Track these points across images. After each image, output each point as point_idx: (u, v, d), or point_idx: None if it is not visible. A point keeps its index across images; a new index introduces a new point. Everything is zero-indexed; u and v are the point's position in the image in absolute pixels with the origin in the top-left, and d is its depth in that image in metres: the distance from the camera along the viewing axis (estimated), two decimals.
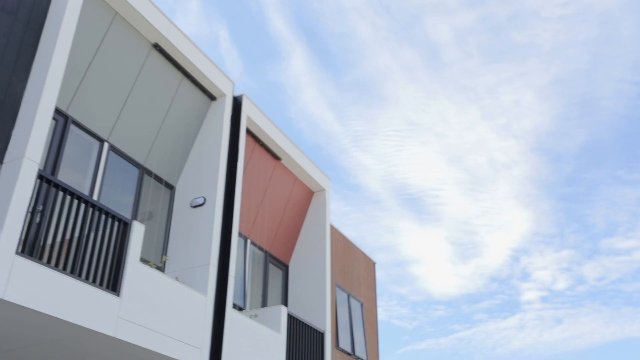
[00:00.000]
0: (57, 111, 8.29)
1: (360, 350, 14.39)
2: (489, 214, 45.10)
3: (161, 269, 9.20)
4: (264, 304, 12.13)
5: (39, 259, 6.52)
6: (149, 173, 9.89)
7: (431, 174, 44.09)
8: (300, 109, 43.70)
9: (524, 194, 44.89)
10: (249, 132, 11.44)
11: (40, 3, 7.45)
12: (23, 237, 6.35)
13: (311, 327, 11.67)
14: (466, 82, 40.80)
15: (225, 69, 10.26)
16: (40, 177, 6.69)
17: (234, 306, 10.09)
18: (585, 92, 39.48)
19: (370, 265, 16.62)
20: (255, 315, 10.39)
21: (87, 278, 6.94)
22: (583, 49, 37.16)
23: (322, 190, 13.72)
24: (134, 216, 9.45)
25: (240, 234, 11.45)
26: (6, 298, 5.85)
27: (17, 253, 6.10)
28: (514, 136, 42.34)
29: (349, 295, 14.62)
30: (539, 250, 46.42)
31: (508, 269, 47.11)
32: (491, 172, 43.79)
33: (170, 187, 10.30)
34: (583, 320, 42.93)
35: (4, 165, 6.53)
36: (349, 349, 13.79)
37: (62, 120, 8.40)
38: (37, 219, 6.64)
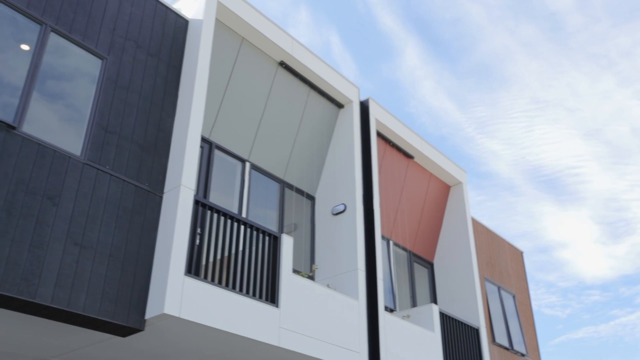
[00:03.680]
0: (202, 139, 8.88)
1: (518, 344, 13.84)
2: (639, 187, 41.37)
3: (312, 277, 9.49)
4: (414, 304, 12.07)
5: (203, 277, 7.01)
6: (290, 186, 10.27)
7: (567, 152, 41.33)
8: (420, 103, 43.04)
9: None
10: (378, 134, 11.49)
11: (177, 42, 8.04)
12: (188, 259, 6.87)
13: (465, 324, 11.43)
14: (596, 49, 37.88)
15: (342, 74, 10.43)
16: (196, 202, 7.20)
17: (385, 308, 10.15)
18: None
19: (517, 255, 15.95)
20: (408, 316, 10.37)
21: (247, 292, 7.35)
22: None
23: (459, 183, 13.41)
24: (280, 229, 9.85)
25: (382, 236, 11.50)
26: (182, 316, 6.35)
27: (185, 274, 6.61)
28: None
29: (499, 288, 14.12)
30: None
31: None
32: (636, 141, 40.17)
33: (311, 198, 10.61)
34: None
35: (164, 195, 7.11)
36: (506, 344, 13.31)
37: (207, 147, 8.98)
38: (197, 241, 7.15)
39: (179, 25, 8.15)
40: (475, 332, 11.65)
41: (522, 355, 13.86)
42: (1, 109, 6.03)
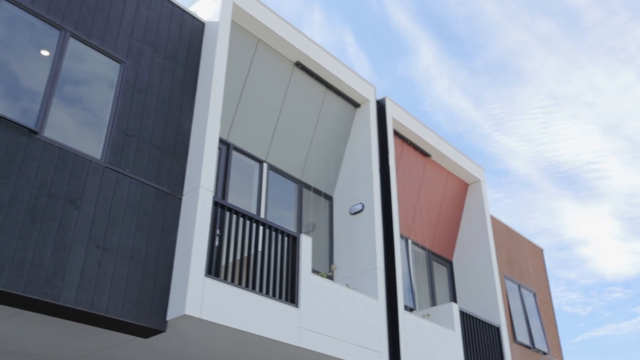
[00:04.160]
0: (220, 140, 8.92)
1: (539, 343, 13.71)
2: None
3: (331, 277, 9.48)
4: (433, 302, 12.01)
5: (223, 278, 7.05)
6: (308, 187, 10.28)
7: (586, 148, 40.76)
8: (435, 101, 42.76)
9: None
10: (395, 133, 11.45)
11: (194, 45, 8.09)
12: (208, 260, 6.90)
13: (485, 323, 11.35)
14: (614, 43, 37.34)
15: (358, 73, 10.43)
16: (215, 203, 7.24)
17: (405, 307, 10.11)
18: None
19: (537, 252, 15.80)
20: (428, 315, 10.33)
21: (267, 292, 7.37)
22: None
23: (477, 181, 13.32)
24: (299, 229, 9.86)
25: (400, 235, 11.46)
26: (203, 317, 6.39)
27: (205, 275, 6.65)
28: None
29: (519, 286, 14.00)
30: None
31: None
32: None
33: (329, 198, 10.61)
34: None
35: (184, 197, 7.16)
36: (527, 342, 13.19)
37: (225, 148, 9.02)
38: (217, 242, 7.18)
39: (196, 28, 8.20)
40: (496, 330, 11.56)
41: (544, 353, 13.73)
42: (23, 115, 6.11)
